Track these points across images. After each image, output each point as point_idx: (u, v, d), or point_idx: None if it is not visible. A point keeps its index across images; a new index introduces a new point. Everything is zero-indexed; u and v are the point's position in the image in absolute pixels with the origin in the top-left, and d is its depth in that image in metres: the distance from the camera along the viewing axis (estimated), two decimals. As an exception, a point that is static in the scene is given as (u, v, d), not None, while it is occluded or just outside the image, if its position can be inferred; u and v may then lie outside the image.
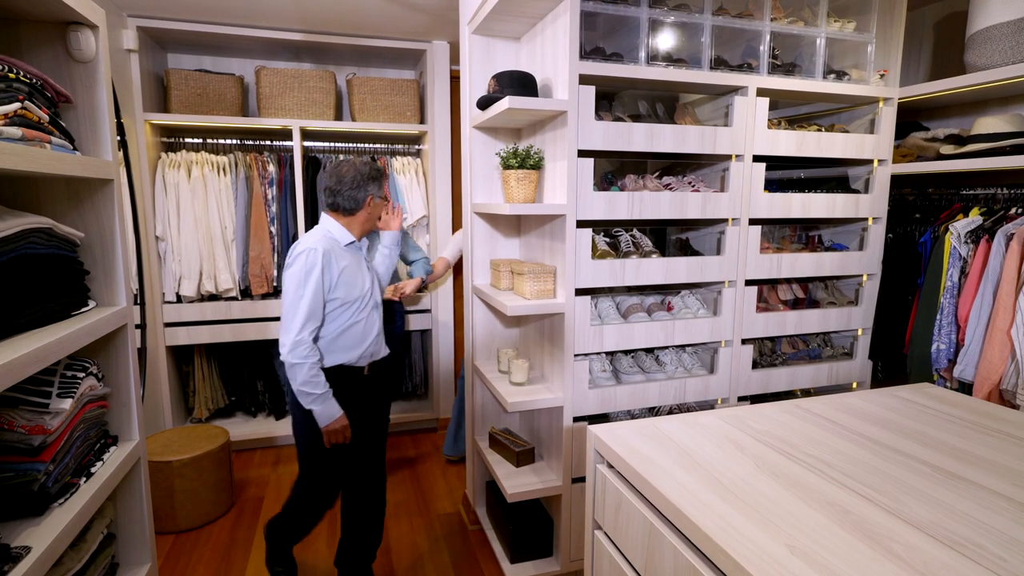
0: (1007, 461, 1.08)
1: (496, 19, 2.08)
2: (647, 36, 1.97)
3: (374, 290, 1.96)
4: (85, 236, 1.36)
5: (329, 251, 1.79)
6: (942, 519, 0.88)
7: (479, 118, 2.17)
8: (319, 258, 1.77)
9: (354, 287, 1.85)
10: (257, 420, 3.52)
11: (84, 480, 1.27)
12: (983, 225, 2.07)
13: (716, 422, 1.29)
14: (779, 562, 0.78)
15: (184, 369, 3.40)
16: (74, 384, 1.23)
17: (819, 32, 2.16)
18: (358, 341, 1.89)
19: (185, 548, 2.40)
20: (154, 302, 3.04)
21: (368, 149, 3.54)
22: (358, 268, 1.88)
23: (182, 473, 2.47)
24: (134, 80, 2.87)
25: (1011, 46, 1.98)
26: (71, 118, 1.35)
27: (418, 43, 3.31)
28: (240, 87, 3.20)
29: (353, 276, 1.85)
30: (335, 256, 1.81)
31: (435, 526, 2.58)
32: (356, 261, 1.89)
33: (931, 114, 2.59)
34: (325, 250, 1.78)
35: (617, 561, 1.13)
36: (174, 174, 3.03)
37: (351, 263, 1.86)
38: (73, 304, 1.29)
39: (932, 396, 1.46)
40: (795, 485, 1.00)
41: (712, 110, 2.27)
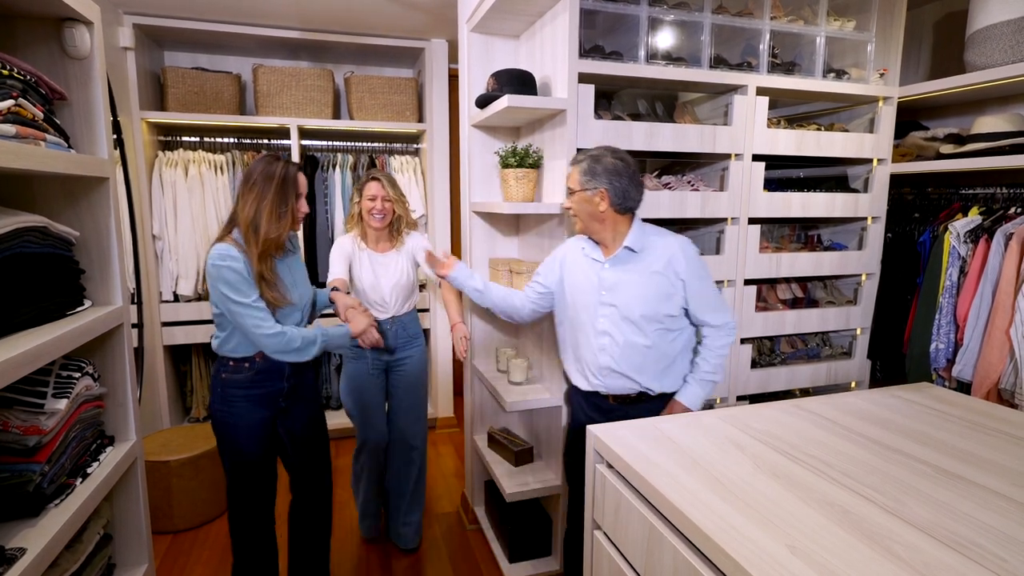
0: (1007, 461, 1.08)
1: (495, 17, 2.07)
2: (646, 34, 1.96)
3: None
4: (80, 235, 1.35)
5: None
6: (942, 519, 0.88)
7: (478, 117, 2.16)
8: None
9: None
10: (255, 419, 3.51)
11: (80, 481, 1.26)
12: (982, 224, 2.07)
13: (715, 422, 1.29)
14: (779, 562, 0.78)
15: (182, 368, 3.39)
16: (69, 384, 1.23)
17: (819, 31, 2.16)
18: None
19: (183, 548, 2.39)
20: (151, 301, 3.03)
21: (366, 148, 3.53)
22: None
23: (180, 473, 2.46)
24: (131, 78, 2.86)
25: (1011, 45, 1.97)
26: (66, 115, 1.33)
27: (416, 41, 3.30)
28: (237, 85, 3.19)
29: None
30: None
31: (433, 526, 2.57)
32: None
33: (930, 113, 2.59)
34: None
35: (616, 561, 1.13)
36: (171, 173, 3.02)
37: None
38: (68, 303, 1.28)
39: (931, 396, 1.46)
40: (795, 485, 0.99)
41: (711, 109, 2.26)
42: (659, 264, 1.65)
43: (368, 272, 2.15)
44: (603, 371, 1.69)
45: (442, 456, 3.28)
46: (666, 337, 1.67)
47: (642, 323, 1.64)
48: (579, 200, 1.65)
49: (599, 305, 1.68)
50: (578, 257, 1.76)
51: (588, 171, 1.62)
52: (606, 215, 1.64)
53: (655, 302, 1.64)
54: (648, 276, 1.65)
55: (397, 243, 2.21)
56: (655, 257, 1.66)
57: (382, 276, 2.16)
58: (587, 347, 1.71)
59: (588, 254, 1.73)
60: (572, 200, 1.68)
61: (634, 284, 1.65)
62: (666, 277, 1.65)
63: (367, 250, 2.18)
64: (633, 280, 1.66)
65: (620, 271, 1.67)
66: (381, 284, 2.16)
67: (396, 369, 2.27)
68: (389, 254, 2.20)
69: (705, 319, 1.70)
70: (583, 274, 1.72)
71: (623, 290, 1.66)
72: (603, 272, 1.68)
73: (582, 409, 1.78)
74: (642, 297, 1.64)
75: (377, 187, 2.10)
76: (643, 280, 1.65)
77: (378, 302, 2.17)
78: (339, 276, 2.10)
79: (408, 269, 2.20)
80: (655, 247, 1.67)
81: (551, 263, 1.83)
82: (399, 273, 2.18)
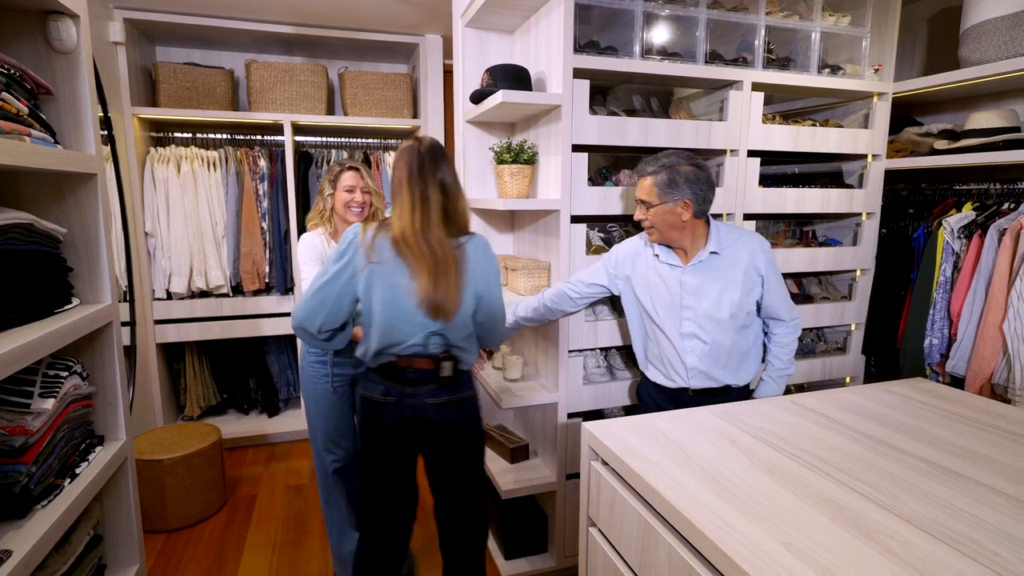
0: (1001, 456, 1.08)
1: (489, 12, 2.05)
2: (642, 30, 1.95)
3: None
4: (68, 232, 1.33)
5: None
6: (937, 515, 0.88)
7: (472, 112, 2.15)
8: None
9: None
10: (249, 418, 3.50)
11: (68, 481, 1.24)
12: (976, 220, 2.07)
13: (710, 418, 1.28)
14: (774, 559, 0.77)
15: (175, 367, 3.37)
16: (57, 383, 1.21)
17: (814, 26, 2.15)
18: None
19: (176, 547, 2.37)
20: (144, 299, 3.00)
21: (361, 144, 3.50)
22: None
23: (173, 471, 2.45)
24: (121, 73, 2.83)
25: (1005, 41, 1.97)
26: (52, 111, 1.32)
27: (411, 37, 3.28)
28: (230, 81, 3.16)
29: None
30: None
31: (429, 523, 2.56)
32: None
33: (925, 109, 2.59)
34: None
35: (611, 558, 1.12)
36: (163, 169, 2.99)
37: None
38: (55, 302, 1.26)
39: (925, 391, 1.46)
40: (790, 481, 0.99)
41: (707, 105, 2.25)
42: (741, 263, 1.67)
43: None
44: (691, 372, 1.68)
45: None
46: (745, 333, 1.70)
47: (728, 323, 1.65)
48: (659, 213, 1.62)
49: (682, 309, 1.67)
50: (649, 261, 1.73)
51: (668, 183, 1.59)
52: (687, 223, 1.63)
53: (740, 302, 1.65)
54: (732, 277, 1.66)
55: None
56: (737, 257, 1.68)
57: None
58: (671, 349, 1.70)
59: (664, 260, 1.70)
60: (650, 213, 1.63)
61: (720, 286, 1.66)
62: (748, 276, 1.67)
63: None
64: (718, 282, 1.66)
65: (703, 275, 1.67)
66: None
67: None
68: None
69: (779, 315, 1.74)
70: (659, 279, 1.71)
71: (709, 293, 1.66)
72: (684, 277, 1.67)
73: (655, 402, 1.77)
74: (729, 298, 1.65)
75: (355, 177, 1.92)
76: (728, 281, 1.66)
77: None
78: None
79: None
80: (735, 246, 1.69)
81: (615, 263, 1.79)
82: None
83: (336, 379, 1.95)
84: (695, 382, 1.69)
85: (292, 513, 2.63)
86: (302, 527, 2.51)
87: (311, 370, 1.95)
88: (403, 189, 1.44)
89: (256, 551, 2.34)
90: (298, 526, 2.52)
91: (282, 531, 2.49)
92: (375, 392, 1.53)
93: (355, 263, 1.44)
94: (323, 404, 1.96)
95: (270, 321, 3.22)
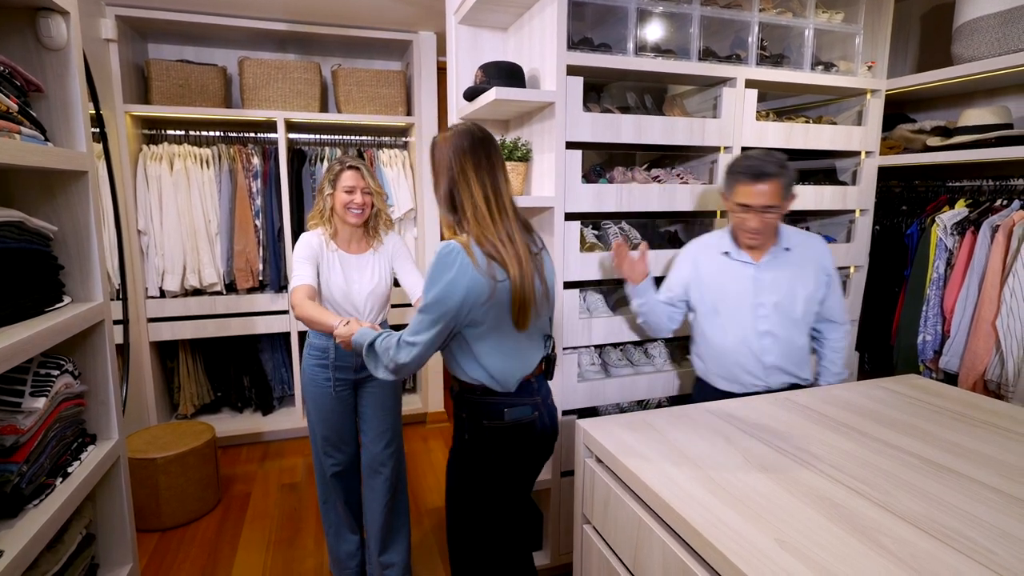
0: (994, 452, 1.08)
1: (483, 9, 2.05)
2: (635, 27, 1.95)
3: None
4: (59, 230, 1.32)
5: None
6: (931, 511, 0.88)
7: (466, 110, 2.14)
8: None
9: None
10: (244, 416, 3.48)
11: (60, 480, 1.23)
12: (969, 217, 2.08)
13: (705, 415, 1.28)
14: (768, 556, 0.78)
15: (168, 365, 3.35)
16: (48, 382, 1.20)
17: (807, 23, 2.15)
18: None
19: (170, 546, 2.36)
20: (137, 297, 2.99)
21: (355, 142, 3.49)
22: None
23: (167, 470, 2.44)
24: (113, 71, 2.81)
25: (997, 38, 1.98)
26: (43, 108, 1.30)
27: (404, 34, 3.27)
28: (223, 78, 3.14)
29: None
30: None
31: (423, 521, 2.56)
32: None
33: (918, 106, 2.60)
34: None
35: (605, 555, 1.12)
36: (156, 167, 2.97)
37: None
38: (47, 300, 1.25)
39: (919, 387, 1.46)
40: (784, 478, 0.99)
41: (701, 102, 2.25)
42: (812, 261, 1.69)
43: (339, 276, 1.85)
44: (768, 370, 1.68)
45: (432, 451, 3.27)
46: (807, 331, 1.73)
47: (801, 320, 1.67)
48: (778, 216, 1.62)
49: (756, 307, 1.67)
50: (716, 260, 1.73)
51: (789, 184, 1.60)
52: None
53: (813, 298, 1.68)
54: (804, 274, 1.68)
55: (374, 243, 1.93)
56: (807, 255, 1.70)
57: (355, 281, 1.88)
58: (745, 350, 1.68)
59: (736, 257, 1.70)
60: (771, 216, 1.61)
61: (792, 283, 1.67)
62: (817, 274, 1.70)
63: (338, 251, 1.87)
64: (791, 280, 1.67)
65: (777, 271, 1.68)
66: (354, 291, 1.87)
67: (366, 387, 1.96)
68: (364, 256, 1.91)
69: (835, 317, 1.77)
70: (729, 277, 1.70)
71: (783, 290, 1.66)
72: (758, 273, 1.68)
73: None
74: (803, 295, 1.67)
75: (355, 177, 1.83)
76: (800, 279, 1.68)
77: (349, 312, 1.88)
78: (307, 282, 1.77)
79: (386, 275, 1.94)
80: (803, 244, 1.71)
81: (679, 274, 1.80)
82: (376, 278, 1.90)
83: (338, 383, 1.90)
84: (774, 380, 1.69)
85: (286, 511, 2.62)
86: (296, 525, 2.51)
87: (312, 373, 1.91)
88: (472, 183, 1.29)
89: (250, 549, 2.34)
90: (292, 524, 2.52)
91: (276, 529, 2.48)
92: (525, 414, 1.36)
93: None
94: (324, 408, 1.91)
95: (264, 319, 3.21)
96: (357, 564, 2.08)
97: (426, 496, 2.78)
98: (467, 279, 1.22)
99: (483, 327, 1.28)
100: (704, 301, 1.75)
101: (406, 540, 2.08)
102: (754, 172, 1.59)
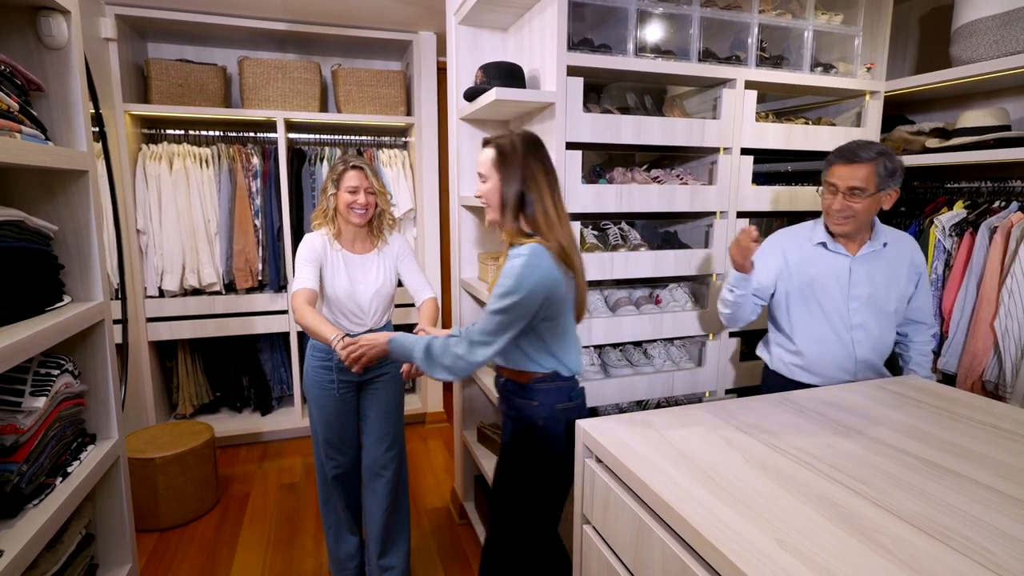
0: (993, 453, 1.09)
1: (483, 9, 2.05)
2: (635, 27, 1.95)
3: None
4: (59, 229, 1.32)
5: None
6: (930, 511, 0.89)
7: (466, 110, 2.14)
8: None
9: None
10: (243, 416, 3.48)
11: (60, 480, 1.23)
12: (967, 218, 2.08)
13: (705, 416, 1.29)
14: (768, 556, 0.78)
15: (167, 365, 3.35)
16: (48, 382, 1.20)
17: (807, 25, 2.16)
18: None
19: (169, 546, 2.36)
20: (136, 297, 2.98)
21: (354, 141, 3.49)
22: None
23: (166, 470, 2.44)
24: (113, 70, 2.81)
25: (996, 40, 1.98)
26: (43, 107, 1.30)
27: (404, 34, 3.27)
28: (223, 78, 3.14)
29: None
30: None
31: (423, 521, 2.56)
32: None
33: (916, 107, 2.60)
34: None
35: (606, 556, 1.12)
36: (155, 166, 2.97)
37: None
38: (47, 299, 1.25)
39: (917, 388, 1.47)
40: (783, 479, 0.99)
41: (700, 103, 2.26)
42: (905, 258, 1.70)
43: (343, 277, 1.84)
44: (860, 364, 1.68)
45: (431, 451, 3.27)
46: (895, 329, 1.73)
47: (892, 316, 1.68)
48: (870, 202, 1.58)
49: (850, 299, 1.67)
50: (808, 250, 1.72)
51: (888, 172, 1.56)
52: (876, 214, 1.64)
53: (904, 295, 1.69)
54: (898, 271, 1.68)
55: (378, 243, 1.93)
56: (901, 251, 1.70)
57: (360, 282, 1.86)
58: (837, 342, 1.68)
59: (832, 249, 1.69)
60: (863, 201, 1.57)
61: (887, 278, 1.67)
62: (909, 272, 1.70)
63: (342, 251, 1.86)
64: (886, 274, 1.67)
65: (871, 265, 1.67)
66: (359, 291, 1.85)
67: (370, 389, 1.96)
68: (369, 256, 1.90)
69: (924, 318, 1.76)
70: (823, 268, 1.69)
71: (879, 283, 1.66)
72: (853, 265, 1.67)
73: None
74: (896, 291, 1.67)
75: (359, 177, 1.81)
76: (895, 275, 1.68)
77: (354, 312, 1.87)
78: (307, 285, 1.75)
79: (391, 275, 1.93)
80: (898, 240, 1.71)
81: (768, 265, 1.76)
82: (381, 279, 1.89)
83: (342, 386, 1.89)
84: (863, 375, 1.69)
85: (285, 511, 2.62)
86: (295, 525, 2.51)
87: (315, 375, 1.89)
88: (543, 188, 1.39)
89: (249, 549, 2.34)
90: (291, 524, 2.52)
91: (275, 529, 2.48)
92: (582, 394, 1.55)
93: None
94: (326, 410, 1.90)
95: (263, 319, 3.21)
96: (356, 565, 2.08)
97: (425, 497, 2.78)
98: (551, 280, 1.32)
99: (555, 321, 1.40)
100: (793, 292, 1.73)
101: (406, 543, 2.08)
102: (847, 153, 1.59)
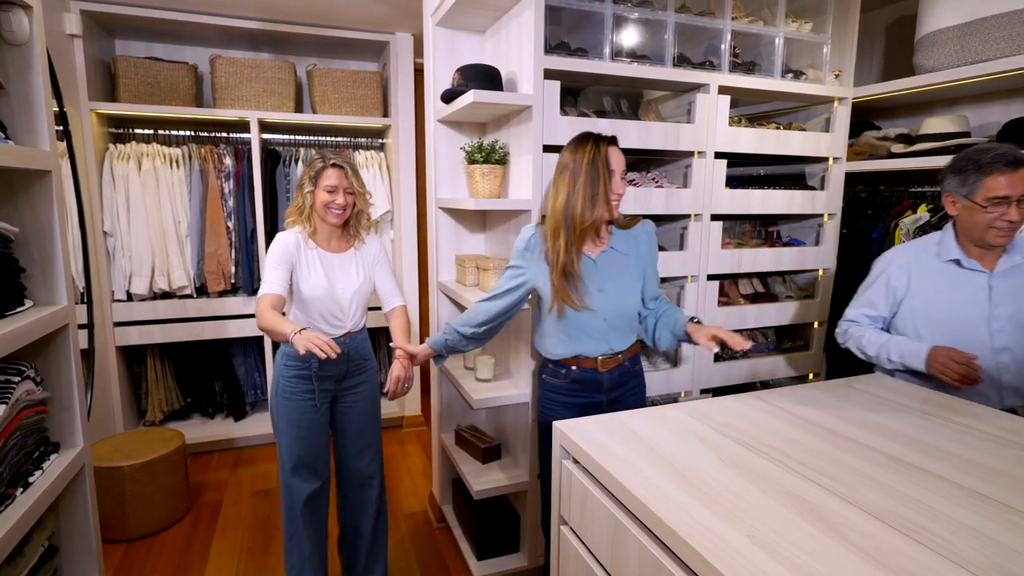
0: (956, 449, 1.12)
1: (460, 11, 2.05)
2: (611, 32, 1.97)
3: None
4: (20, 231, 1.28)
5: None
6: (895, 506, 0.91)
7: (443, 112, 2.14)
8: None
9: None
10: (215, 422, 3.41)
11: (21, 491, 1.19)
12: (930, 221, 2.15)
13: (679, 415, 1.30)
14: (741, 553, 0.79)
15: (136, 370, 3.26)
16: (8, 389, 1.16)
17: (777, 32, 2.21)
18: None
19: (137, 557, 2.30)
20: (103, 301, 2.90)
21: (330, 143, 3.45)
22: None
23: (134, 478, 2.37)
24: (78, 67, 2.73)
25: (956, 50, 2.06)
26: (3, 105, 1.26)
27: (381, 34, 3.25)
28: (194, 76, 3.08)
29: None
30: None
31: (400, 526, 2.54)
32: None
33: (882, 114, 2.68)
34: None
35: (583, 556, 1.13)
36: (123, 166, 2.89)
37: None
38: (7, 303, 1.21)
39: (885, 386, 1.51)
40: (756, 476, 1.01)
41: (675, 107, 2.29)
42: None
43: (320, 276, 1.74)
44: (1005, 391, 1.51)
45: (409, 455, 3.25)
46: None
47: None
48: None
49: (992, 320, 1.51)
50: (939, 269, 1.58)
51: None
52: None
53: None
54: None
55: (355, 243, 1.85)
56: None
57: (340, 281, 1.78)
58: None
59: (967, 266, 1.55)
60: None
61: None
62: None
63: (317, 249, 1.77)
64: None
65: (1013, 279, 1.52)
66: (338, 291, 1.76)
67: (346, 398, 1.85)
68: (346, 255, 1.82)
69: None
70: (959, 288, 1.55)
71: (1020, 301, 1.50)
72: (993, 282, 1.52)
73: None
74: None
75: (339, 176, 1.72)
76: None
77: (334, 313, 1.77)
78: (273, 291, 1.65)
79: (369, 276, 1.85)
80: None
81: (886, 286, 1.67)
82: (360, 278, 1.81)
83: (322, 395, 1.78)
84: (1011, 401, 1.51)
85: (259, 518, 2.57)
86: (269, 532, 2.46)
87: (289, 386, 1.75)
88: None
89: (222, 559, 2.29)
90: (265, 531, 2.47)
91: (249, 537, 2.43)
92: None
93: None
94: (301, 424, 1.76)
95: (236, 322, 3.15)
96: None
97: (403, 501, 2.75)
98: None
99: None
100: (922, 316, 1.59)
101: (385, 550, 2.04)
102: (1009, 158, 1.43)
